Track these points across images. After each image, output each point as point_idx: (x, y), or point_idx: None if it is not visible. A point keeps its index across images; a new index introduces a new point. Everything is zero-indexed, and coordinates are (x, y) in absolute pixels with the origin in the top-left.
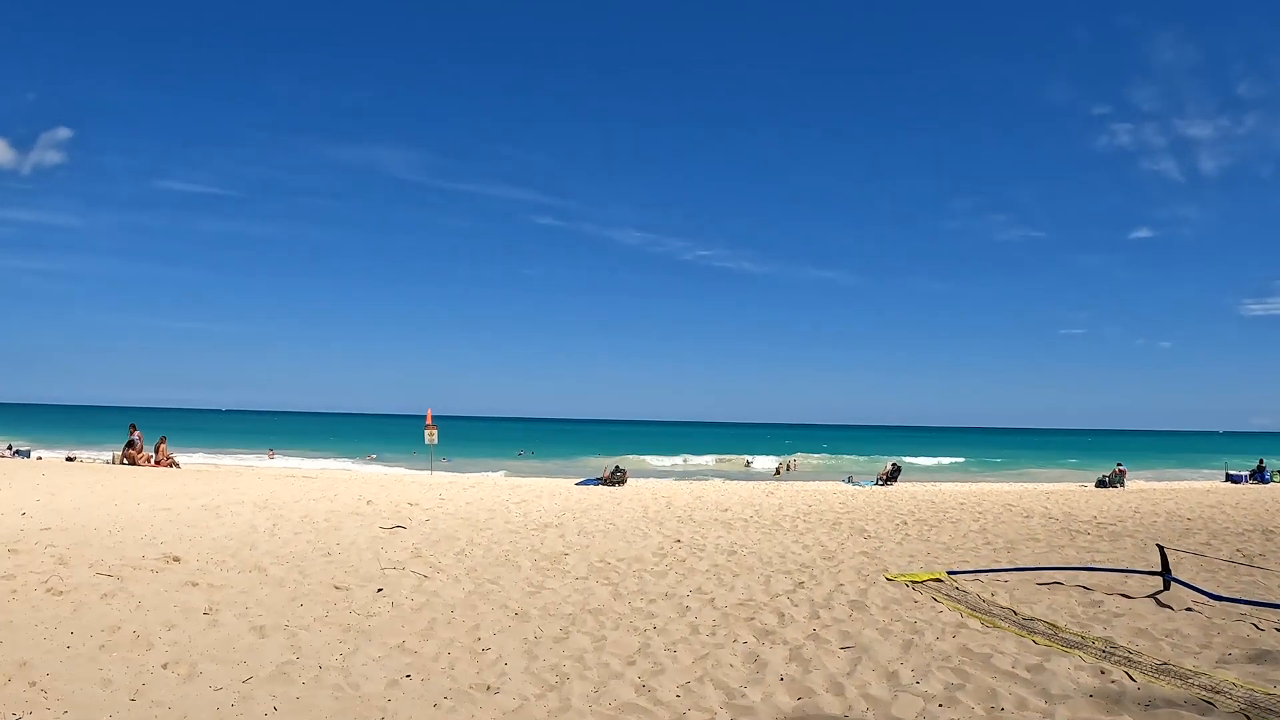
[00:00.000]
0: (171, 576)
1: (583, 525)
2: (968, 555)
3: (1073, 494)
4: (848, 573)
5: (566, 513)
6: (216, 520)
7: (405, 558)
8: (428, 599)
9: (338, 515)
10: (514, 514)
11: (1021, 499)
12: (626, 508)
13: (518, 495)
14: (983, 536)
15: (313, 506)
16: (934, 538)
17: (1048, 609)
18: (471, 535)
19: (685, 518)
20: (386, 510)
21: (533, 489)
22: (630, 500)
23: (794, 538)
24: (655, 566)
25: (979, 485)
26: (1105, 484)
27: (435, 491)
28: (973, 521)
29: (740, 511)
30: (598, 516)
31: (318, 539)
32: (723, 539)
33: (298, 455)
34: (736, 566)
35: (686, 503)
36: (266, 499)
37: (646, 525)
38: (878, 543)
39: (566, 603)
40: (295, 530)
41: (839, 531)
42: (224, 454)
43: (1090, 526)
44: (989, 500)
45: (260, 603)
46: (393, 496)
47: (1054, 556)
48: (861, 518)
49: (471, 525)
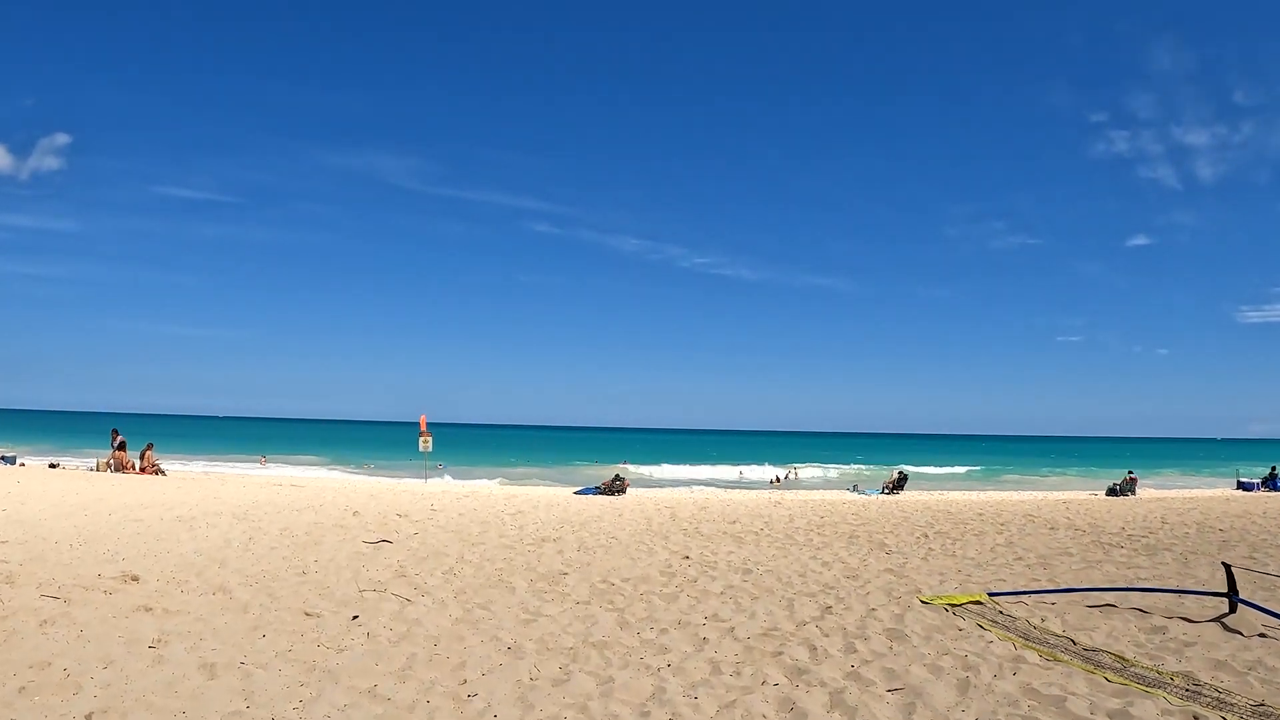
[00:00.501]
0: (125, 599)
1: (582, 539)
2: (1001, 573)
3: (1091, 504)
4: (877, 594)
5: (565, 525)
6: (189, 533)
7: (388, 577)
8: (408, 629)
9: (320, 528)
10: (509, 526)
11: (1040, 509)
12: (628, 520)
13: (513, 506)
14: (1012, 551)
15: (295, 518)
16: (960, 552)
17: (1108, 637)
18: (462, 551)
19: (692, 531)
20: (373, 522)
21: (529, 499)
22: (632, 511)
23: (811, 553)
24: (664, 588)
25: (988, 494)
26: (1116, 492)
27: (427, 502)
28: (997, 534)
29: (749, 524)
30: (598, 529)
31: (294, 555)
32: (735, 555)
33: (292, 462)
34: (754, 588)
35: (692, 514)
36: (247, 509)
37: (651, 539)
38: (902, 559)
39: (566, 633)
40: (271, 545)
41: (858, 546)
42: (218, 460)
43: (1121, 539)
44: (1007, 511)
45: (217, 633)
46: (381, 507)
47: (1095, 574)
48: (879, 530)
49: (463, 539)
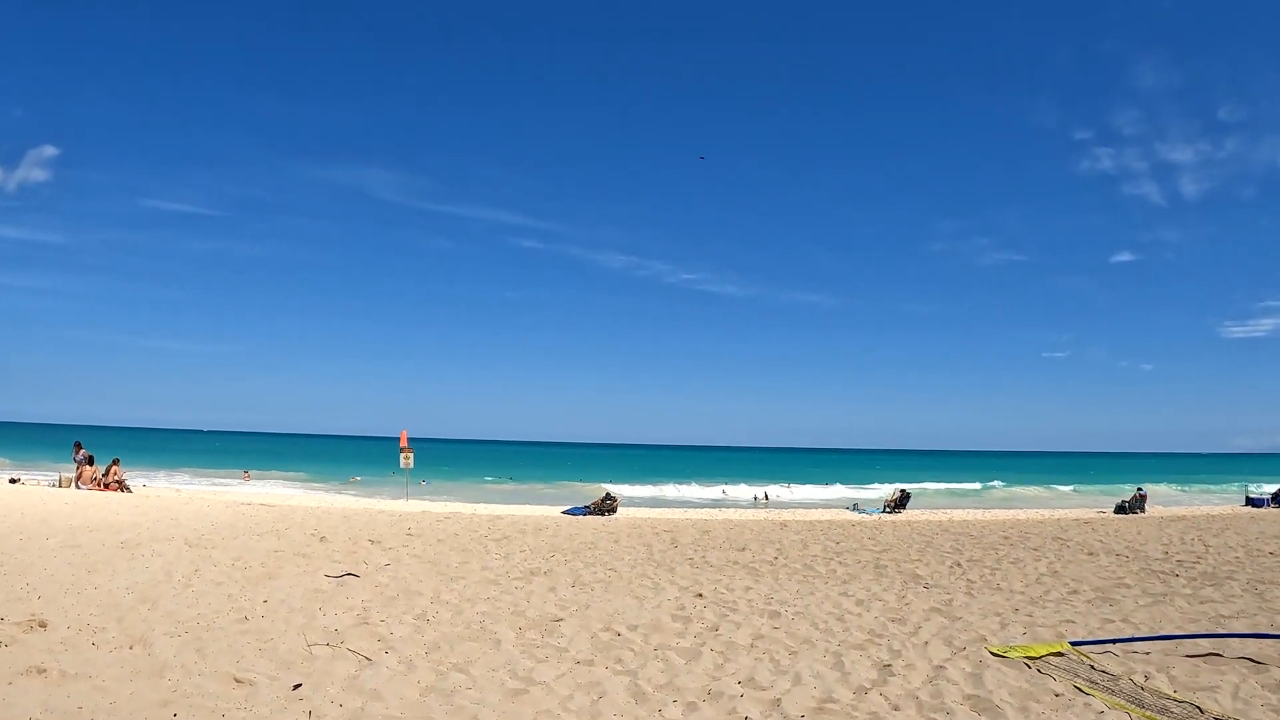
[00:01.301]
0: (18, 656)
1: (577, 572)
2: (1064, 611)
3: (1112, 524)
4: (936, 645)
5: (556, 553)
6: (127, 563)
7: (347, 624)
8: (364, 704)
9: (279, 557)
10: (493, 555)
11: (1066, 531)
12: (626, 546)
13: (499, 529)
14: (1060, 582)
15: (253, 545)
16: (1005, 584)
17: (1234, 699)
18: (439, 588)
19: (698, 560)
20: (341, 550)
21: (515, 521)
22: (628, 535)
23: (839, 588)
24: (681, 638)
25: (997, 514)
26: (1125, 509)
27: (404, 525)
28: (1035, 562)
29: (760, 551)
30: (593, 558)
31: (242, 592)
32: (754, 592)
33: (275, 479)
34: (789, 637)
35: (694, 539)
36: (203, 534)
37: (655, 571)
38: (945, 595)
39: (567, 710)
40: (218, 579)
41: (888, 578)
42: (200, 475)
43: (1173, 566)
44: (1032, 532)
45: (112, 710)
46: (353, 531)
47: (1171, 612)
48: (904, 557)
49: (440, 572)
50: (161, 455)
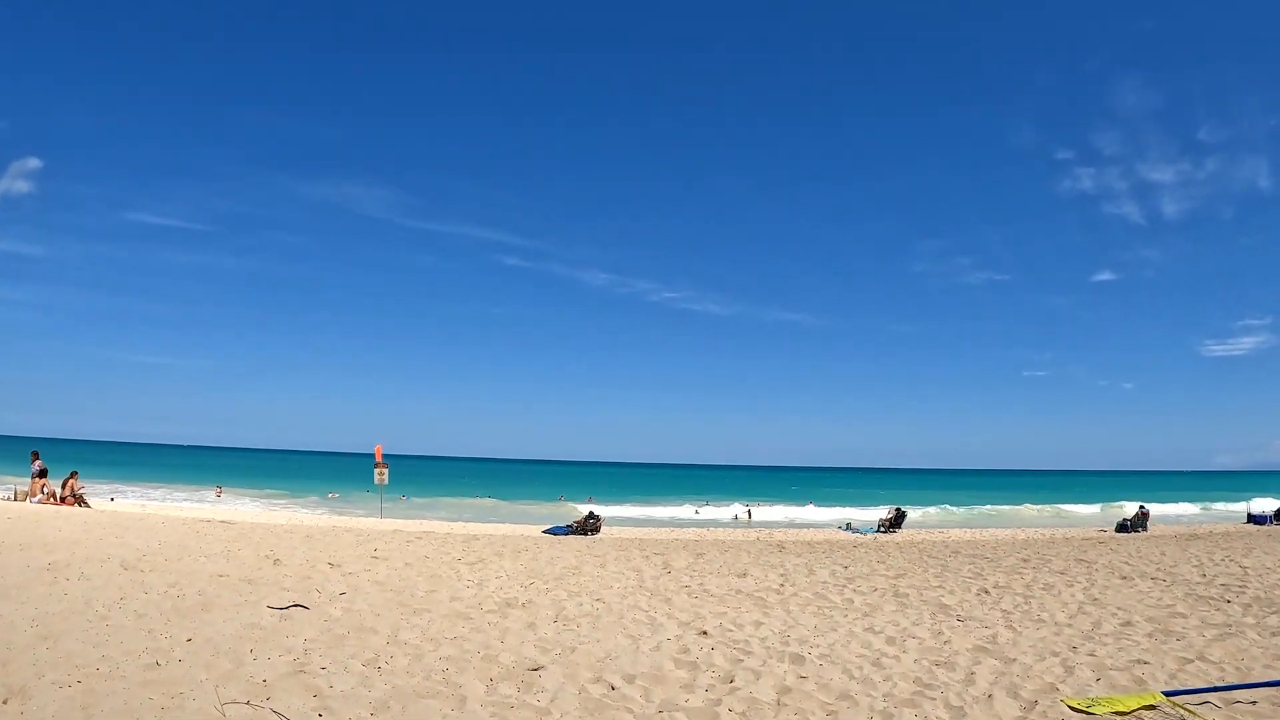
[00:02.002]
0: None
1: (560, 604)
2: (1126, 648)
3: (1137, 544)
4: (1002, 698)
5: (536, 580)
6: (46, 589)
7: (278, 674)
8: None
9: (222, 583)
10: (465, 582)
11: (1085, 551)
12: (614, 572)
13: (474, 551)
14: (1104, 610)
15: (195, 568)
16: (1046, 615)
17: None
18: (399, 624)
19: (696, 588)
20: (295, 574)
21: (492, 542)
22: (616, 558)
23: (862, 621)
24: (689, 694)
25: (994, 532)
26: (1127, 528)
27: (371, 545)
28: (1067, 587)
29: (763, 577)
30: (578, 586)
31: (165, 628)
32: (767, 627)
33: (250, 494)
34: (822, 691)
35: (687, 563)
36: (143, 555)
37: (650, 602)
38: (984, 629)
39: None
40: (143, 609)
41: (912, 608)
42: (173, 490)
43: (1219, 590)
44: (1051, 554)
45: None
46: (313, 552)
47: (1247, 646)
48: (921, 583)
49: (403, 603)
50: (137, 469)
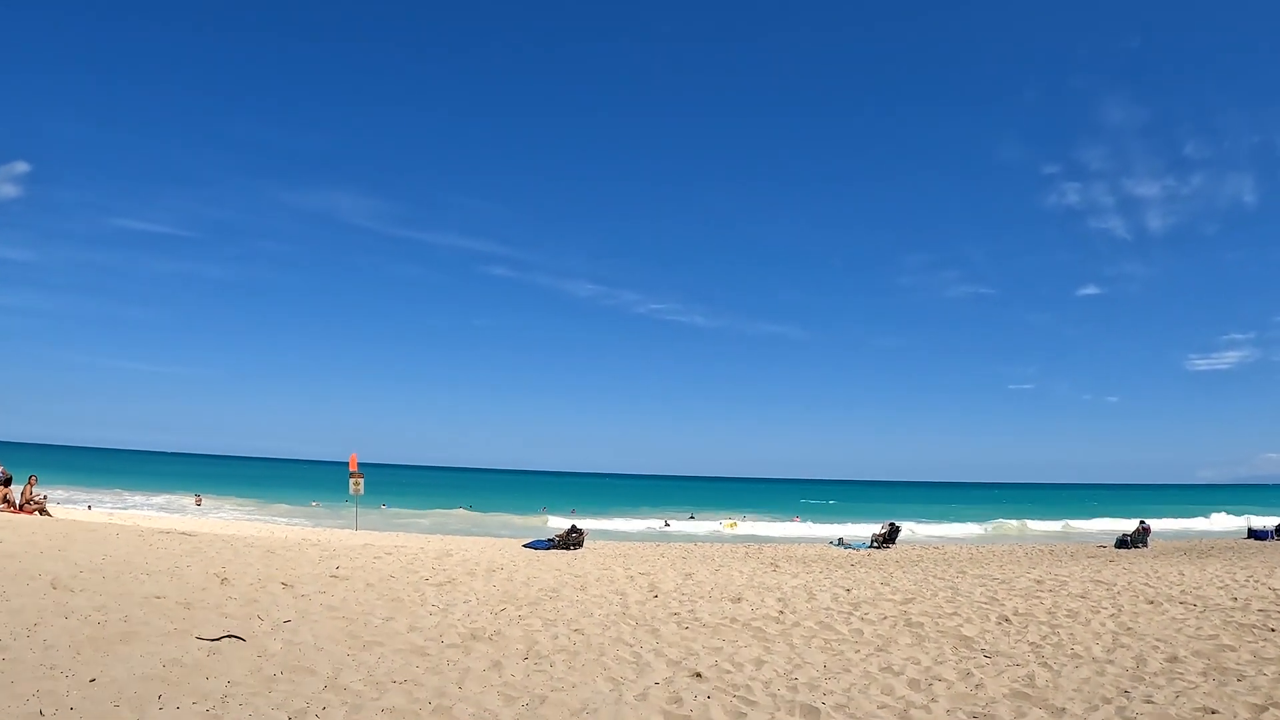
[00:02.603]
0: None
1: (533, 636)
2: (1184, 690)
3: (1154, 564)
4: None
5: (509, 605)
6: None
7: None
8: None
9: (155, 607)
10: (430, 607)
11: (1100, 572)
12: (596, 595)
13: (445, 568)
14: (1143, 642)
15: (131, 588)
16: (1082, 650)
17: None
18: (343, 661)
19: (687, 616)
20: (240, 597)
21: (467, 558)
22: (598, 580)
23: (877, 659)
24: None
25: (989, 548)
26: (1127, 544)
27: (334, 561)
28: (1092, 614)
29: (759, 601)
30: (555, 613)
31: (72, 663)
32: (770, 666)
33: (229, 502)
34: None
35: (676, 584)
36: (79, 571)
37: (635, 633)
38: (1017, 668)
39: None
40: (53, 639)
41: (931, 641)
42: (151, 498)
43: (1259, 618)
44: (1066, 575)
45: None
46: (268, 570)
47: None
48: (933, 609)
49: (354, 634)
50: (120, 477)
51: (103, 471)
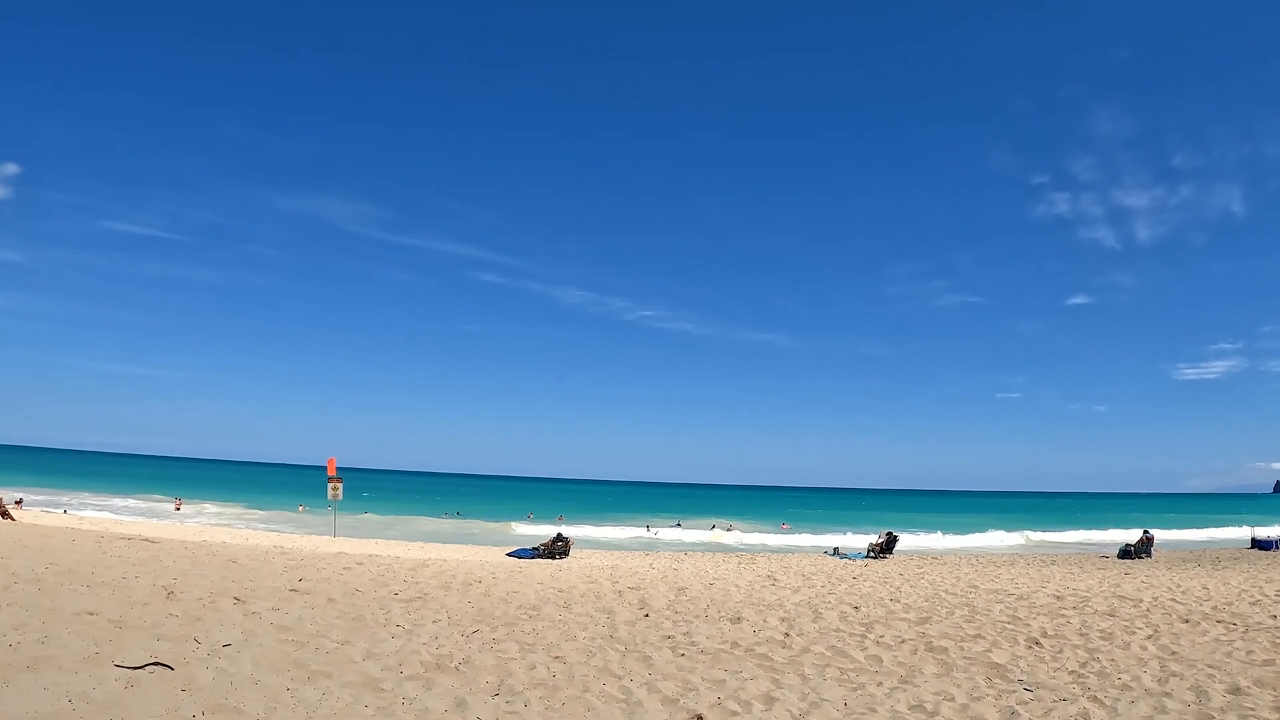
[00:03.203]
0: None
1: (506, 665)
2: None
3: (1175, 577)
4: None
5: (483, 625)
6: None
7: None
8: None
9: (84, 625)
10: (394, 627)
11: (1120, 586)
12: (581, 614)
13: (418, 580)
14: (1195, 669)
15: (64, 602)
16: (1127, 679)
17: None
18: (279, 697)
19: (683, 640)
20: (184, 614)
21: (444, 569)
22: (583, 595)
23: (904, 693)
24: None
25: (991, 558)
26: (1130, 554)
27: (299, 573)
28: (1127, 635)
29: (761, 622)
30: (534, 635)
31: None
32: (782, 705)
33: (213, 507)
34: None
35: (668, 601)
36: (14, 582)
37: (624, 662)
38: (1066, 703)
39: None
40: None
41: (960, 671)
42: (132, 501)
43: None
44: (1085, 591)
45: None
46: (224, 582)
47: None
48: (954, 630)
49: (300, 662)
50: (104, 480)
51: (89, 475)
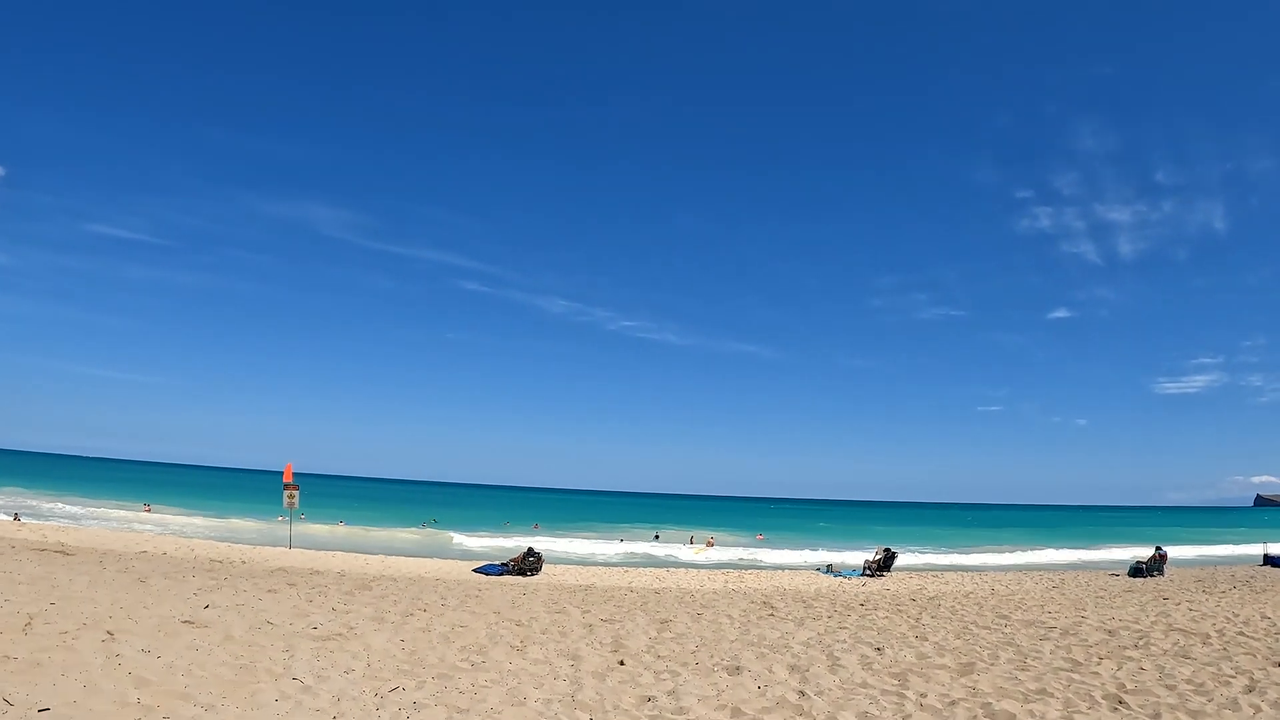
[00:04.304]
0: None
1: None
2: None
3: (1200, 599)
4: None
5: (407, 676)
6: None
7: None
8: None
9: None
10: (290, 679)
11: (1169, 615)
12: (538, 661)
13: (348, 612)
14: None
15: None
16: None
17: None
18: None
19: (668, 705)
20: (26, 656)
21: (389, 592)
22: (545, 631)
23: None
24: None
25: (992, 578)
26: (1142, 572)
27: (211, 595)
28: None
29: (767, 674)
30: (471, 693)
31: None
32: None
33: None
34: None
35: (649, 642)
36: None
37: None
38: None
39: None
40: None
41: None
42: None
43: None
44: (1129, 619)
45: None
46: (108, 608)
47: None
48: (1013, 687)
49: None
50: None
51: (66, 479)
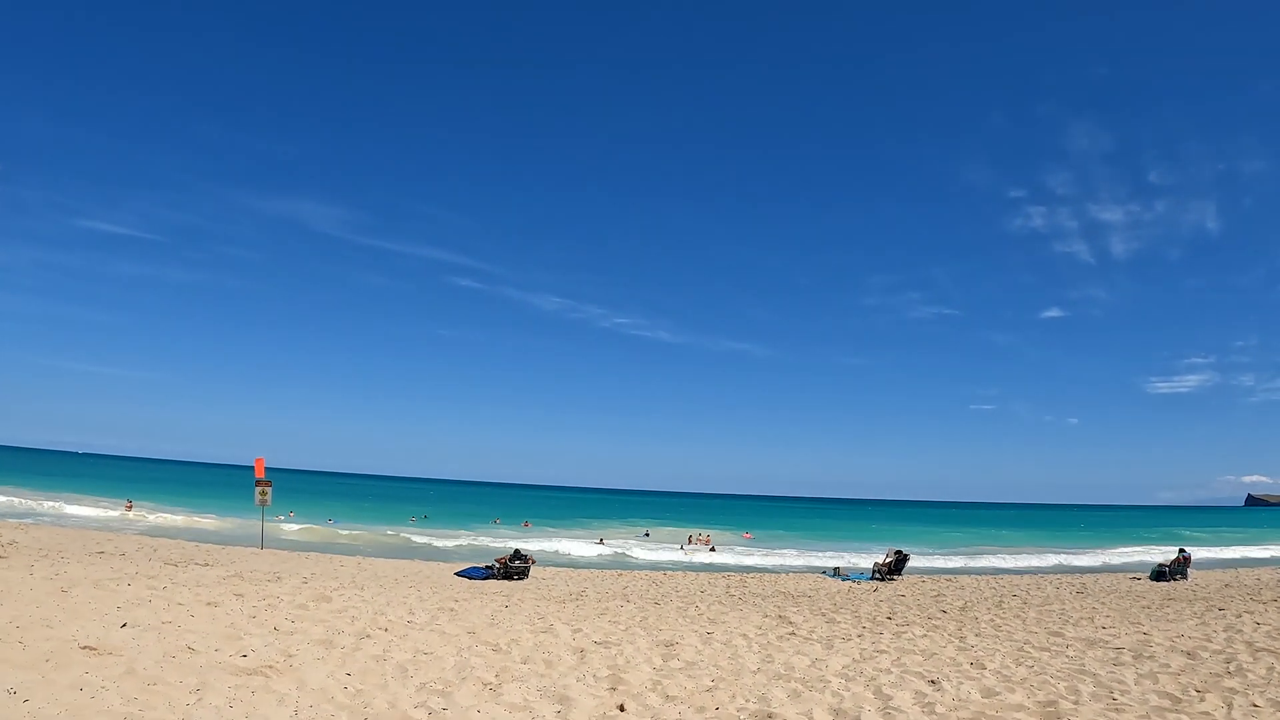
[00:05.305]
0: None
1: None
2: None
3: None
4: None
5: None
6: None
7: None
8: None
9: None
10: None
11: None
12: (515, 705)
13: (294, 630)
14: None
15: None
16: None
17: None
18: None
19: None
20: None
21: (351, 603)
22: (526, 660)
23: None
24: None
25: (1010, 580)
26: (1165, 576)
27: (134, 612)
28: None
29: (807, 706)
30: None
31: None
32: None
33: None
34: None
35: (652, 674)
36: None
37: None
38: None
39: None
40: None
41: None
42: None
43: None
44: (1193, 630)
45: None
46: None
47: None
48: (1075, 699)
49: None
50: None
51: (52, 475)
